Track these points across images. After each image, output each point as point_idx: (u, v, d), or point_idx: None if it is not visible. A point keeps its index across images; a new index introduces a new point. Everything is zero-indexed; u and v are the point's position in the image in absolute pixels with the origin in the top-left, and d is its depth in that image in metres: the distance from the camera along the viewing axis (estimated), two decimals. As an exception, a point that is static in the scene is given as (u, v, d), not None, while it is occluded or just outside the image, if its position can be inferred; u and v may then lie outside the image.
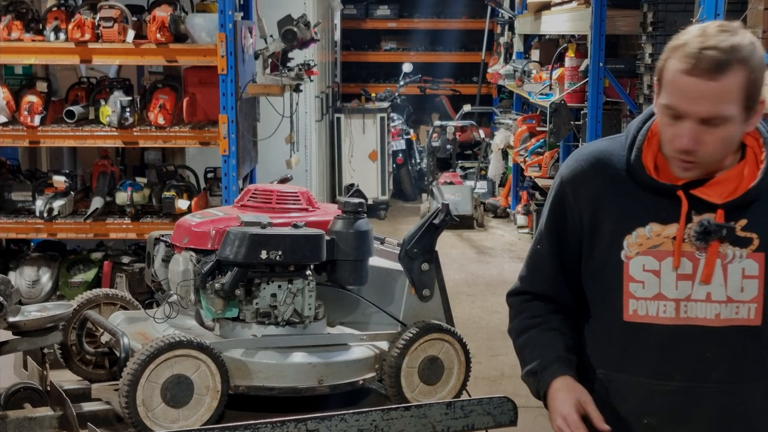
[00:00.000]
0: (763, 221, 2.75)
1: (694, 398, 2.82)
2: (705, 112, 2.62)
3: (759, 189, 2.75)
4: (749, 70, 2.61)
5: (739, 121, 2.65)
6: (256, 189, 3.97)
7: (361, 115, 13.88)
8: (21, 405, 3.63)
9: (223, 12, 7.04)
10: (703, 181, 2.76)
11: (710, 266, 2.77)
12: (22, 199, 7.68)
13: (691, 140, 2.65)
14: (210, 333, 3.70)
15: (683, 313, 2.81)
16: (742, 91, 2.62)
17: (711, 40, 2.60)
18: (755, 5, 5.60)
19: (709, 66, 2.58)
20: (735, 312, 2.79)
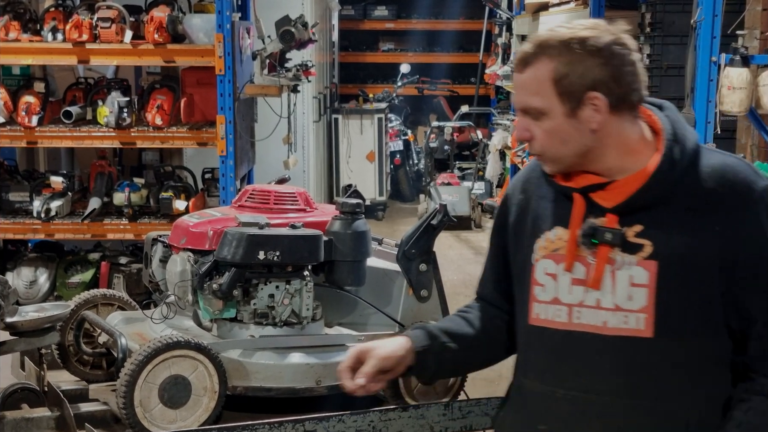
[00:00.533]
0: (660, 229, 2.65)
1: (583, 409, 2.73)
2: (518, 104, 2.69)
3: (652, 194, 2.65)
4: (560, 63, 2.60)
5: (562, 114, 2.64)
6: (254, 189, 3.97)
7: (359, 115, 13.88)
8: (18, 405, 3.63)
9: (220, 12, 7.04)
10: (604, 185, 2.70)
11: (598, 271, 2.69)
12: (20, 199, 7.68)
13: (519, 130, 2.70)
14: (208, 333, 3.70)
15: (575, 318, 2.74)
16: (548, 84, 2.62)
17: (542, 34, 2.67)
18: (753, 6, 5.60)
19: (518, 59, 2.66)
20: (624, 321, 2.67)
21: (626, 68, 2.63)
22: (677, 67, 6.38)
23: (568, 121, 2.64)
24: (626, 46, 2.64)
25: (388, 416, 3.44)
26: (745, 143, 5.87)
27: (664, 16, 6.76)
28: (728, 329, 2.66)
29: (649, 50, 6.87)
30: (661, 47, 6.75)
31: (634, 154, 2.68)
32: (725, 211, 2.61)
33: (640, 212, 2.66)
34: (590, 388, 2.72)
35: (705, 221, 2.61)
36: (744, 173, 2.64)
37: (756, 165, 5.04)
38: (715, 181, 2.62)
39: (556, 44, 2.61)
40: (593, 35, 2.62)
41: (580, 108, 2.62)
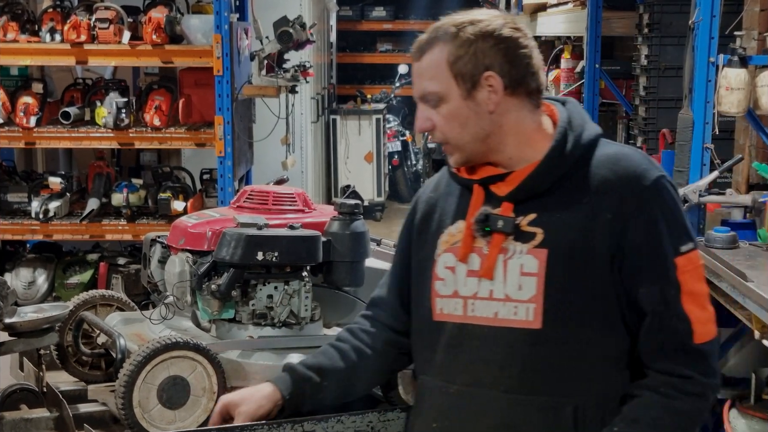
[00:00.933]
0: (553, 216, 2.65)
1: (474, 404, 2.72)
2: (416, 92, 2.74)
3: (541, 182, 2.67)
4: (454, 46, 2.66)
5: (457, 97, 2.67)
6: (252, 190, 3.97)
7: (357, 116, 13.89)
8: (17, 406, 3.63)
9: (218, 13, 7.05)
10: (504, 176, 2.72)
11: (490, 260, 2.68)
12: (18, 200, 7.68)
13: (420, 120, 2.73)
14: (206, 334, 3.70)
15: (470, 311, 2.74)
16: (444, 67, 2.66)
17: (438, 22, 2.76)
18: (751, 6, 5.61)
19: (414, 48, 2.73)
20: (513, 312, 2.66)
21: (520, 51, 2.67)
22: (675, 68, 6.38)
23: (466, 104, 2.67)
24: (520, 30, 2.69)
25: (387, 417, 3.44)
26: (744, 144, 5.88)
27: (662, 17, 6.76)
28: (626, 326, 2.65)
29: (647, 51, 6.87)
30: (659, 48, 6.75)
31: (532, 143, 2.70)
32: (616, 199, 2.61)
33: (534, 200, 2.67)
34: (480, 383, 2.71)
35: (597, 209, 2.61)
36: (637, 162, 2.66)
37: (754, 165, 5.05)
38: (608, 169, 2.64)
39: (450, 29, 2.68)
40: (486, 19, 2.67)
41: (477, 89, 2.66)
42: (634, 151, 2.73)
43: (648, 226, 2.60)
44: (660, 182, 2.64)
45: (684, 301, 2.62)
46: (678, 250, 2.62)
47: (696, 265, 2.66)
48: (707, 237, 4.78)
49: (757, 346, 4.92)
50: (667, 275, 2.61)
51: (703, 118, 4.98)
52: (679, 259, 2.62)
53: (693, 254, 2.65)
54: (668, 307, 2.61)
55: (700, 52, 4.96)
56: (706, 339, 2.65)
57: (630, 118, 7.54)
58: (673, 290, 2.61)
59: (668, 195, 2.65)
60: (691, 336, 2.62)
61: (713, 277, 4.59)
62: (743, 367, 5.30)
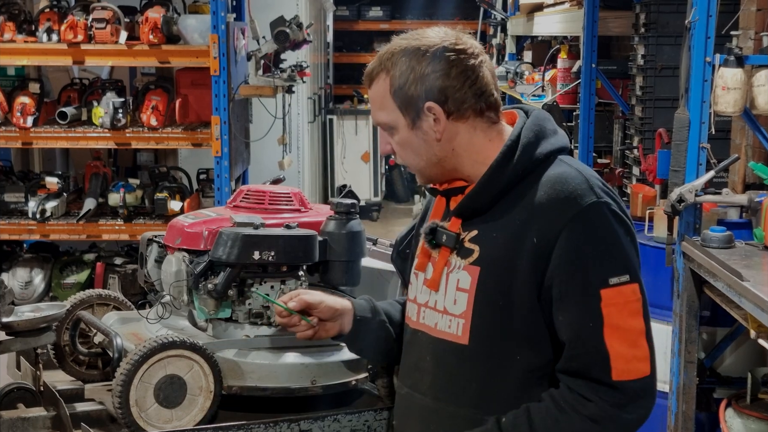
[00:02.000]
0: (489, 234, 2.64)
1: (412, 408, 2.78)
2: (372, 119, 2.75)
3: (477, 200, 2.67)
4: (395, 76, 2.64)
5: (404, 126, 2.67)
6: (249, 190, 3.97)
7: (354, 116, 13.90)
8: (14, 405, 3.63)
9: (215, 13, 7.05)
10: (464, 189, 2.73)
11: (436, 273, 2.72)
12: (15, 200, 7.68)
13: (381, 144, 2.75)
14: (203, 333, 3.70)
15: (422, 318, 2.79)
16: (389, 98, 2.66)
17: (384, 48, 2.71)
18: (748, 6, 5.61)
19: (364, 77, 2.72)
20: (448, 326, 2.69)
21: (464, 73, 2.62)
22: (671, 68, 6.38)
23: (414, 133, 2.68)
24: (463, 51, 2.63)
25: (384, 415, 3.44)
26: (740, 144, 5.88)
27: (659, 17, 6.75)
28: (552, 343, 2.62)
29: (644, 51, 6.87)
30: (656, 48, 6.75)
31: (488, 159, 2.67)
32: (545, 223, 2.56)
33: (477, 217, 2.68)
34: (418, 388, 2.77)
35: (526, 231, 2.58)
36: (574, 186, 2.58)
37: (751, 165, 5.05)
38: (544, 192, 2.59)
39: (392, 57, 2.65)
40: (427, 44, 2.63)
41: (420, 119, 2.65)
42: (577, 174, 2.62)
43: (571, 254, 2.54)
44: (593, 208, 2.56)
45: (606, 335, 2.53)
46: (606, 281, 2.53)
47: (628, 300, 2.55)
48: (703, 236, 4.80)
49: (753, 345, 4.94)
50: (587, 306, 2.54)
51: (700, 118, 4.98)
52: (605, 291, 2.53)
53: (626, 288, 2.55)
54: (585, 340, 2.54)
55: (697, 52, 4.97)
56: (629, 378, 2.54)
57: (626, 117, 7.53)
58: (593, 322, 2.53)
59: (601, 222, 2.56)
60: (609, 372, 2.53)
61: (709, 277, 4.61)
62: (739, 367, 5.32)
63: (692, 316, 5.05)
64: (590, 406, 2.54)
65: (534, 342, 2.62)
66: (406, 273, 3.10)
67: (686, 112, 5.03)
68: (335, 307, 3.00)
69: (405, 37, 2.69)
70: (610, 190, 2.65)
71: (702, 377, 5.20)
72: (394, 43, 2.70)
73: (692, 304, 5.04)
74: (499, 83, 9.26)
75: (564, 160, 2.67)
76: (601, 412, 2.53)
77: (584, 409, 2.53)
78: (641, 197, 6.17)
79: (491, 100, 2.69)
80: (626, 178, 7.27)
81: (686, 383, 5.09)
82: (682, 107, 5.11)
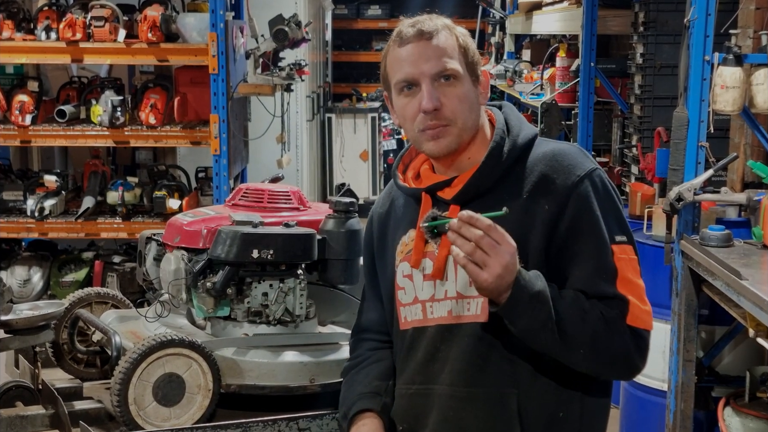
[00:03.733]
0: (495, 211, 2.64)
1: (425, 402, 2.77)
2: (433, 68, 2.73)
3: (483, 182, 2.73)
4: (458, 35, 2.76)
5: (468, 81, 2.75)
6: (248, 188, 3.98)
7: (352, 114, 13.89)
8: (13, 403, 3.63)
9: (214, 11, 7.05)
10: (450, 182, 2.78)
11: (440, 261, 2.74)
12: (14, 198, 7.68)
13: (431, 98, 2.72)
14: (201, 332, 3.71)
15: (429, 314, 2.80)
16: (458, 50, 2.75)
17: (414, 22, 2.78)
18: (746, 5, 5.61)
19: (420, 32, 2.74)
20: (466, 308, 2.72)
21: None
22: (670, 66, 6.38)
23: (474, 90, 2.78)
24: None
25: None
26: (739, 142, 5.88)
27: (658, 15, 6.75)
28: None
29: (643, 49, 6.86)
30: (655, 46, 6.75)
31: (483, 145, 2.79)
32: (553, 190, 2.68)
33: (478, 200, 2.72)
34: (432, 380, 2.77)
35: (536, 203, 2.68)
36: (572, 155, 2.73)
37: (749, 164, 5.05)
38: (545, 165, 2.72)
39: (446, 22, 2.79)
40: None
41: (478, 81, 2.79)
42: (570, 146, 2.80)
43: (584, 212, 2.66)
44: (596, 173, 2.71)
45: (619, 285, 2.65)
46: (613, 238, 2.67)
47: (630, 258, 2.69)
48: (702, 235, 4.79)
49: (752, 344, 4.93)
50: (604, 256, 2.66)
51: (698, 117, 4.98)
52: (614, 246, 2.67)
53: (626, 247, 2.69)
54: (604, 288, 2.65)
55: (695, 51, 4.96)
56: (640, 325, 2.66)
57: (625, 116, 7.54)
58: (609, 273, 2.65)
59: (603, 186, 2.71)
60: (625, 316, 2.65)
61: (708, 275, 4.61)
62: (738, 365, 5.31)
63: (691, 314, 5.05)
64: (612, 313, 2.64)
65: None
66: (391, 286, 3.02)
67: (685, 111, 5.03)
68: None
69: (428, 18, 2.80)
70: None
71: (700, 376, 5.19)
72: (432, 19, 2.79)
73: (691, 303, 5.04)
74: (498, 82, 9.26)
75: (544, 140, 2.83)
76: (617, 323, 2.64)
77: (607, 311, 2.64)
78: (640, 196, 6.16)
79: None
80: (625, 176, 7.27)
81: (685, 382, 5.08)
82: (680, 106, 5.11)
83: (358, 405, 2.88)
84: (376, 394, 2.90)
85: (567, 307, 2.61)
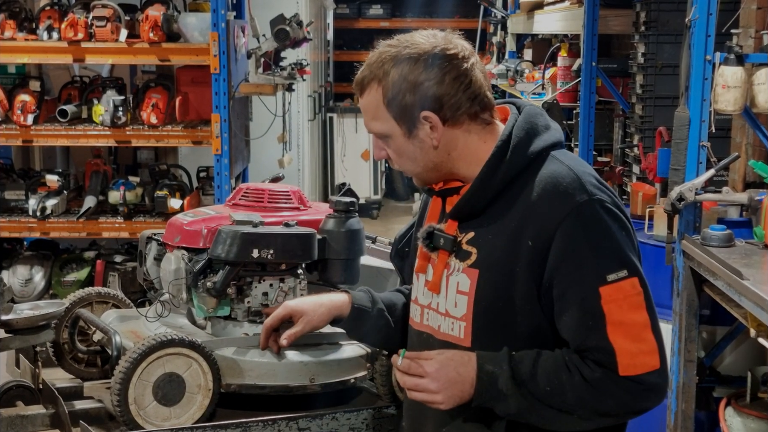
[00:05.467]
0: (486, 236, 2.64)
1: (422, 408, 2.74)
2: (366, 126, 2.73)
3: (472, 202, 2.66)
4: (387, 87, 2.62)
5: (400, 135, 2.65)
6: (248, 188, 3.98)
7: (354, 114, 13.89)
8: (13, 403, 3.63)
9: (215, 11, 7.05)
10: (459, 190, 2.73)
11: (436, 275, 2.72)
12: (15, 198, 7.68)
13: (375, 150, 2.75)
14: (202, 331, 3.70)
15: (425, 320, 2.80)
16: (383, 108, 2.64)
17: (373, 55, 2.67)
18: (748, 5, 5.61)
19: (354, 84, 2.70)
20: (450, 328, 2.70)
21: (457, 79, 2.61)
22: (672, 66, 6.38)
23: (410, 141, 2.66)
24: (455, 56, 2.61)
25: (382, 414, 3.45)
26: (740, 142, 5.88)
27: (659, 15, 6.75)
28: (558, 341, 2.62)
29: (644, 49, 6.86)
30: (656, 46, 6.74)
31: (482, 161, 2.66)
32: (539, 224, 2.56)
33: (474, 219, 2.67)
34: None
35: (521, 234, 2.57)
36: (564, 185, 2.57)
37: (751, 163, 5.05)
38: (537, 192, 2.58)
39: (383, 66, 2.62)
40: (417, 51, 2.61)
41: (417, 128, 2.63)
42: (569, 172, 2.61)
43: (566, 255, 2.53)
44: (585, 207, 2.55)
45: (609, 332, 2.53)
46: (603, 278, 2.52)
47: (627, 294, 2.54)
48: (703, 235, 4.79)
49: (753, 344, 4.93)
50: (587, 305, 2.53)
51: (700, 116, 4.98)
52: (604, 289, 2.52)
53: (625, 283, 2.54)
54: (589, 338, 2.54)
55: (697, 50, 4.96)
56: (636, 372, 2.54)
57: (627, 116, 7.53)
58: (594, 321, 2.53)
59: (594, 219, 2.55)
60: (615, 367, 2.53)
61: (709, 275, 4.60)
62: (739, 366, 5.31)
63: (692, 314, 5.05)
64: (596, 374, 2.54)
65: (537, 341, 2.63)
66: (404, 271, 3.11)
67: (686, 111, 5.03)
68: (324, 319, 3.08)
69: (393, 44, 2.66)
70: (603, 185, 2.64)
71: (702, 376, 5.19)
72: (382, 50, 2.67)
73: (692, 303, 5.04)
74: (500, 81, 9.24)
75: (557, 157, 2.65)
76: (604, 383, 2.54)
77: (590, 374, 2.54)
78: (641, 196, 6.16)
79: (485, 101, 2.68)
80: (626, 176, 7.26)
81: (686, 382, 5.08)
82: (682, 105, 5.11)
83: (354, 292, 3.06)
84: (372, 297, 3.06)
85: (545, 382, 2.54)
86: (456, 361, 2.58)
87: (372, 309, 3.05)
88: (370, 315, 3.04)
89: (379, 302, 3.06)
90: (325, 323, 3.09)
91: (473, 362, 2.58)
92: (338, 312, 3.05)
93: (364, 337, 3.19)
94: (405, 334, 3.03)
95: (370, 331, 3.07)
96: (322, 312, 3.06)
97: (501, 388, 2.55)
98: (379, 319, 3.05)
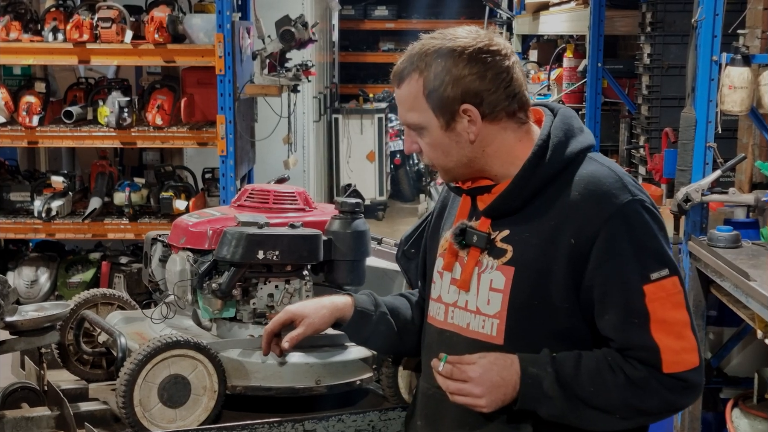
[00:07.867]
0: (522, 235, 2.64)
1: (443, 407, 2.75)
2: (400, 118, 2.73)
3: (511, 200, 2.66)
4: (429, 78, 2.63)
5: (437, 127, 2.66)
6: (253, 189, 3.97)
7: (359, 115, 13.89)
8: (18, 404, 3.62)
9: (221, 12, 7.05)
10: (490, 188, 2.73)
11: (466, 273, 2.71)
12: (21, 199, 7.69)
13: (406, 143, 2.76)
14: (207, 333, 3.70)
15: (450, 318, 2.79)
16: (422, 99, 2.65)
17: (414, 47, 2.70)
18: (755, 5, 5.60)
19: (393, 75, 2.72)
20: (481, 326, 2.69)
21: (498, 76, 2.63)
22: (678, 67, 6.38)
23: (446, 134, 2.66)
24: (497, 53, 2.64)
25: (388, 416, 3.44)
26: (747, 143, 5.87)
27: (665, 16, 6.75)
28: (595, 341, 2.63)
29: (650, 49, 6.86)
30: (662, 47, 6.75)
31: (518, 160, 2.67)
32: (579, 224, 2.57)
33: (508, 217, 2.67)
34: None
35: (562, 231, 2.59)
36: (606, 186, 2.60)
37: (757, 164, 5.04)
38: (578, 192, 2.60)
39: (425, 57, 2.65)
40: (461, 45, 2.62)
41: (455, 121, 2.64)
42: (610, 172, 2.64)
43: (610, 254, 2.55)
44: (629, 207, 2.58)
45: (653, 329, 2.55)
46: (647, 277, 2.56)
47: (669, 293, 2.57)
48: (710, 236, 4.78)
49: (761, 345, 4.92)
50: (633, 302, 2.56)
51: (706, 117, 4.97)
52: (648, 287, 2.55)
53: (666, 282, 2.57)
54: (633, 337, 2.57)
55: (703, 51, 4.96)
56: (679, 369, 2.57)
57: (633, 117, 7.53)
58: (639, 319, 2.55)
59: (637, 219, 2.58)
60: (660, 365, 2.55)
61: (716, 277, 4.59)
62: (746, 367, 5.30)
63: (699, 315, 5.04)
64: (640, 372, 2.56)
65: (573, 340, 2.64)
66: (411, 272, 3.10)
67: (693, 111, 5.02)
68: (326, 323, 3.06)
69: (437, 37, 2.69)
70: (640, 186, 2.68)
71: (709, 377, 5.18)
72: (425, 42, 2.69)
73: (699, 304, 5.03)
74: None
75: (594, 158, 2.69)
76: (648, 382, 2.56)
77: (633, 372, 2.56)
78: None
79: (522, 100, 2.69)
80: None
81: (692, 383, 5.07)
82: (688, 106, 5.10)
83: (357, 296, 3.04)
84: (375, 301, 3.04)
85: (589, 383, 2.56)
86: (499, 365, 2.59)
87: (375, 313, 3.03)
88: (373, 319, 3.03)
89: (382, 306, 3.05)
90: (328, 325, 3.07)
91: (516, 365, 2.58)
92: (340, 314, 3.03)
93: (366, 341, 3.18)
94: (408, 339, 3.03)
95: (372, 335, 3.06)
96: (324, 314, 3.04)
97: (546, 391, 2.56)
98: (382, 323, 3.04)
